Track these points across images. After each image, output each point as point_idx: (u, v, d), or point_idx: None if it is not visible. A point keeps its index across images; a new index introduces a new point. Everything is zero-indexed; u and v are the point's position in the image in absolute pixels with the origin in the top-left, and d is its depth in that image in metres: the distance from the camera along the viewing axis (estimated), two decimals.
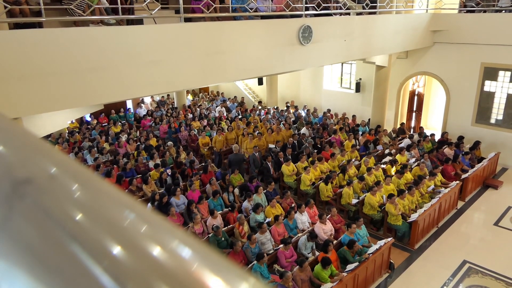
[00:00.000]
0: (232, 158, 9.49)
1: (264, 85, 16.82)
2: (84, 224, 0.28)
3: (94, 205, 0.30)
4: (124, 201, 0.34)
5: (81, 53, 5.00)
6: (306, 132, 11.90)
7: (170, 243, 0.28)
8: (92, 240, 0.26)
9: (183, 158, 10.26)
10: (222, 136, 11.15)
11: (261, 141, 10.82)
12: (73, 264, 0.25)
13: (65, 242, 0.26)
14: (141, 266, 0.27)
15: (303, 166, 9.15)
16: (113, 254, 0.26)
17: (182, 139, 12.22)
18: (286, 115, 14.16)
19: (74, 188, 0.32)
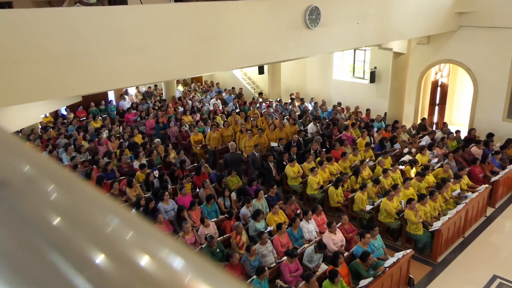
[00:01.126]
0: (228, 158, 9.53)
1: (265, 75, 16.83)
2: (64, 230, 0.28)
3: (75, 210, 0.31)
4: (108, 205, 0.35)
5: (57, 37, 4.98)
6: (313, 129, 11.94)
7: (160, 252, 0.28)
8: (73, 248, 0.27)
9: (172, 157, 10.28)
10: (217, 133, 11.18)
11: (261, 139, 10.83)
12: (52, 274, 0.26)
13: (44, 251, 0.27)
14: (127, 278, 0.28)
15: (309, 167, 9.17)
16: (97, 263, 0.27)
17: (172, 136, 12.24)
18: (291, 109, 14.17)
19: (54, 191, 0.32)
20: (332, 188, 8.41)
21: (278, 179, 9.53)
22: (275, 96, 16.31)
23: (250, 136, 10.63)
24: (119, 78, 5.73)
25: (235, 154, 9.65)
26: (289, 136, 11.34)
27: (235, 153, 9.70)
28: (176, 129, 12.29)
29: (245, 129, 11.08)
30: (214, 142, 10.99)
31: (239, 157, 9.67)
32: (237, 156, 9.64)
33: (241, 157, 9.68)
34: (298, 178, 9.25)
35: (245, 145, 10.56)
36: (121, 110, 14.87)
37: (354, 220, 8.22)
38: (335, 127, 12.04)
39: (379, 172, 9.14)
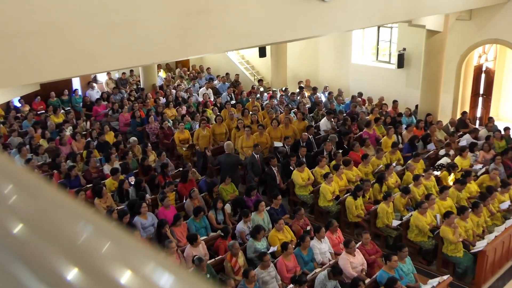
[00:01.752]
0: (222, 161, 9.57)
1: (267, 58, 16.89)
2: (28, 240, 0.29)
3: (41, 217, 0.31)
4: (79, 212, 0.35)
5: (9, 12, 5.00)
6: (327, 125, 11.99)
7: (143, 267, 0.29)
8: (39, 261, 0.27)
9: (152, 160, 10.31)
10: (208, 130, 11.24)
11: (262, 137, 10.89)
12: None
13: (6, 263, 0.27)
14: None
15: (322, 172, 9.22)
16: (68, 280, 0.28)
17: (151, 134, 12.31)
18: (299, 101, 14.25)
19: (14, 196, 0.33)
20: (350, 199, 8.45)
21: (283, 188, 9.58)
22: (279, 84, 16.39)
23: (248, 134, 10.66)
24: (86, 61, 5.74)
25: (231, 157, 9.69)
26: (297, 134, 11.38)
27: (231, 155, 9.74)
28: (157, 125, 12.31)
29: (242, 125, 11.12)
30: (204, 142, 11.04)
31: (236, 161, 9.71)
32: (234, 159, 9.68)
33: (239, 160, 9.73)
34: (308, 186, 9.29)
35: (242, 145, 10.60)
36: (89, 102, 14.92)
37: (377, 239, 8.24)
38: (354, 123, 12.10)
39: (409, 179, 9.17)
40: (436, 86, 12.10)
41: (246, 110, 12.38)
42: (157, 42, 6.29)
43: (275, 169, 9.52)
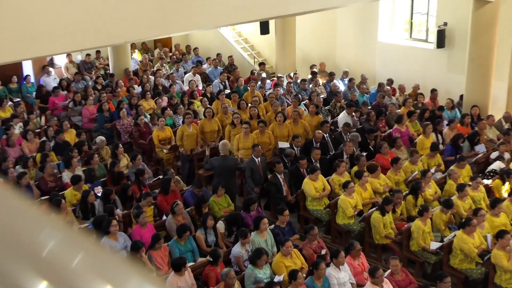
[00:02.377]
0: (216, 165, 9.62)
1: (271, 36, 16.95)
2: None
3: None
4: (43, 220, 0.37)
5: None
6: (347, 120, 12.03)
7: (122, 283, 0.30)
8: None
9: (124, 166, 10.30)
10: (195, 127, 11.29)
11: (264, 136, 10.93)
12: None
13: None
14: None
15: (341, 181, 9.25)
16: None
17: (123, 132, 12.35)
18: (312, 89, 14.29)
19: None
20: (377, 215, 8.46)
21: (292, 201, 9.62)
22: (286, 69, 16.44)
23: (246, 133, 10.70)
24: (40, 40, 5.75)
25: (228, 160, 9.74)
26: (309, 132, 11.43)
27: (228, 157, 9.79)
28: (130, 121, 12.35)
29: (239, 121, 11.17)
30: (190, 142, 11.08)
31: (234, 165, 9.74)
32: (231, 163, 9.73)
33: (238, 165, 9.75)
34: (323, 198, 9.31)
35: (239, 146, 10.63)
36: (44, 91, 14.93)
37: (411, 266, 8.25)
38: (381, 118, 12.14)
39: (452, 189, 9.19)
40: (486, 71, 12.07)
41: (243, 102, 12.43)
42: (131, 15, 6.30)
43: (280, 177, 9.54)
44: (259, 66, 16.53)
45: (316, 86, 14.68)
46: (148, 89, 14.32)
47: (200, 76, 15.84)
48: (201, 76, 15.85)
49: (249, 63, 18.02)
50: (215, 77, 15.96)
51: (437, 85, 13.95)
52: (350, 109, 12.16)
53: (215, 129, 11.51)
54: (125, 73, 15.57)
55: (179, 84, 15.24)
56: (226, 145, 9.85)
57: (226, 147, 9.79)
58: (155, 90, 14.51)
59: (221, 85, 14.98)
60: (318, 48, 17.20)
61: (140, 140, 11.84)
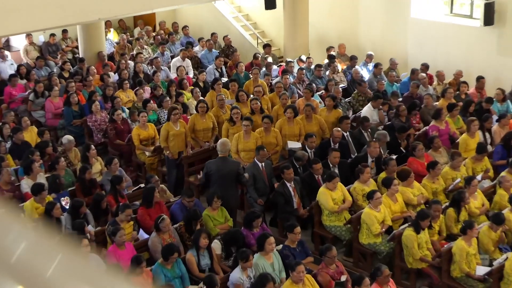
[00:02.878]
0: (214, 170, 9.59)
1: (278, 11, 16.91)
2: None
3: None
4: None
5: None
6: (372, 115, 12.02)
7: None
8: None
9: (97, 172, 10.29)
10: (183, 125, 11.28)
11: (270, 136, 10.96)
12: None
13: None
14: None
15: (366, 190, 9.25)
16: None
17: (96, 130, 12.38)
18: (329, 77, 14.26)
19: None
20: (410, 233, 8.42)
21: (304, 215, 9.60)
22: (297, 52, 16.41)
23: (248, 131, 10.69)
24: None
25: (229, 163, 9.74)
26: (326, 130, 11.45)
27: (227, 160, 9.79)
28: (105, 117, 12.35)
29: (239, 116, 11.16)
30: (178, 143, 11.09)
31: (235, 170, 9.72)
32: (233, 168, 9.71)
33: (240, 170, 9.69)
34: (343, 212, 9.29)
35: (239, 147, 10.63)
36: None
37: None
38: (415, 113, 12.12)
39: (503, 200, 9.13)
40: None
41: (243, 93, 12.42)
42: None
43: (290, 186, 9.54)
44: (264, 48, 16.51)
45: (334, 73, 14.63)
46: (127, 77, 14.30)
47: (191, 61, 15.81)
48: (191, 61, 15.82)
49: (251, 44, 17.99)
50: (209, 62, 15.93)
51: (484, 71, 13.89)
52: (377, 101, 12.11)
53: (209, 126, 11.49)
54: (98, 58, 15.57)
55: (165, 71, 15.22)
56: (225, 144, 9.83)
57: (225, 147, 9.77)
58: (135, 79, 14.49)
59: (216, 72, 14.96)
60: (336, 26, 17.16)
61: (116, 140, 11.83)
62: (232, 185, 9.71)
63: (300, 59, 15.64)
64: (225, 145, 9.78)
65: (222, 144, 9.78)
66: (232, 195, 9.69)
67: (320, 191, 9.25)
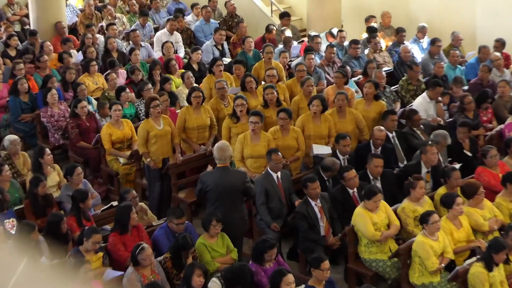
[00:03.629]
0: (211, 184, 9.42)
1: None
2: None
3: None
4: None
5: None
6: (427, 109, 12.04)
7: None
8: None
9: (54, 185, 10.34)
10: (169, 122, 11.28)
11: (289, 136, 10.96)
12: None
13: None
14: None
15: (418, 211, 9.22)
16: None
17: (53, 128, 12.43)
18: (368, 57, 14.33)
19: None
20: (479, 269, 8.34)
21: (334, 245, 9.60)
22: (325, 23, 16.43)
23: (257, 130, 10.67)
24: None
25: (231, 175, 9.57)
26: (364, 129, 11.49)
27: (229, 171, 9.62)
28: (65, 110, 12.45)
29: (244, 110, 11.16)
30: (163, 146, 11.13)
31: (239, 184, 9.52)
32: (235, 180, 9.52)
33: (246, 183, 9.57)
34: (388, 241, 9.28)
35: (245, 152, 10.66)
36: None
37: None
38: (485, 106, 12.13)
39: None
40: None
41: (252, 79, 12.37)
42: None
43: (316, 205, 9.53)
44: (281, 18, 16.49)
45: (375, 51, 14.62)
46: (94, 56, 14.33)
47: (181, 35, 15.80)
48: (182, 35, 15.81)
49: (263, 13, 18.01)
50: (206, 36, 15.91)
51: None
52: (434, 90, 12.12)
53: (205, 123, 11.53)
54: (55, 30, 15.58)
55: (146, 49, 15.24)
56: (224, 149, 9.57)
57: (224, 152, 9.54)
58: (106, 59, 14.51)
59: (216, 51, 14.96)
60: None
61: (80, 142, 11.87)
62: (237, 204, 9.56)
63: (330, 33, 15.62)
64: (224, 150, 9.55)
65: (220, 149, 9.54)
66: (237, 217, 9.55)
67: (356, 213, 9.21)
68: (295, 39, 15.73)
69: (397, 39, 15.12)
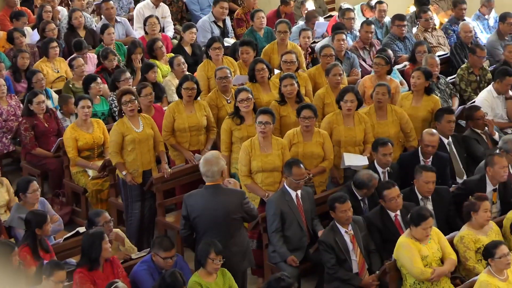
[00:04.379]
0: (200, 210, 9.24)
1: None
2: None
3: None
4: None
5: None
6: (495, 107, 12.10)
7: None
8: None
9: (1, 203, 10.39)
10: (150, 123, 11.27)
11: (312, 142, 10.95)
12: None
13: None
14: None
15: (481, 241, 9.17)
16: None
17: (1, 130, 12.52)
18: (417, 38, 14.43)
19: None
20: None
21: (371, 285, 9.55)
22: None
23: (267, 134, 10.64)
24: None
25: (223, 195, 9.41)
26: (410, 132, 11.50)
27: (220, 189, 9.45)
28: (16, 107, 12.59)
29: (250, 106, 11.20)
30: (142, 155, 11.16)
31: (237, 205, 9.34)
32: (230, 202, 9.31)
33: (245, 206, 9.51)
34: (442, 281, 9.21)
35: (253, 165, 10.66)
36: None
37: None
38: None
39: None
40: None
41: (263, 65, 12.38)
42: None
43: (347, 232, 9.56)
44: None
45: (426, 30, 14.65)
46: (55, 36, 14.41)
47: (170, 7, 15.87)
48: (171, 8, 15.89)
49: None
50: (203, 10, 15.97)
51: None
52: (503, 81, 12.17)
53: (200, 123, 11.64)
54: (4, 1, 15.64)
55: (123, 25, 15.31)
56: (213, 162, 9.25)
57: (213, 166, 9.20)
58: (70, 39, 14.62)
59: (215, 28, 15.02)
60: None
61: (36, 148, 11.95)
62: (233, 233, 9.43)
63: (367, 5, 15.67)
64: (212, 164, 9.28)
65: (206, 163, 9.28)
66: (235, 251, 9.40)
67: (400, 243, 9.21)
68: (320, 14, 15.75)
69: (455, 14, 15.12)
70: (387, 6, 15.49)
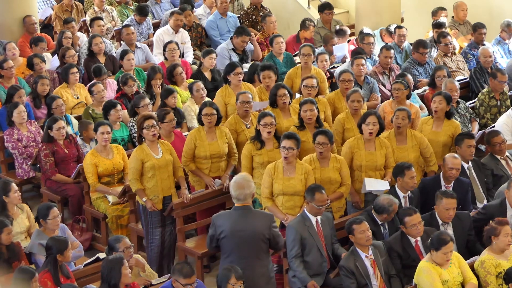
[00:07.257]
0: (227, 230, 9.08)
1: None
2: None
3: None
4: None
5: None
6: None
7: None
8: None
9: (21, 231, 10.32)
10: (169, 148, 11.32)
11: (330, 168, 10.91)
12: None
13: None
14: None
15: (502, 266, 9.18)
16: None
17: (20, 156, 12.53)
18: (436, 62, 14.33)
19: None
20: None
21: None
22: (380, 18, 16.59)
23: (290, 160, 10.64)
24: None
25: (253, 218, 9.38)
26: (431, 157, 11.44)
27: (251, 213, 9.45)
28: (36, 133, 12.58)
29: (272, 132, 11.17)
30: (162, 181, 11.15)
31: (266, 228, 9.36)
32: (261, 225, 9.31)
33: (273, 230, 9.45)
34: None
35: (275, 188, 10.63)
36: None
37: None
38: None
39: None
40: None
41: (284, 91, 12.34)
42: None
43: (367, 257, 9.53)
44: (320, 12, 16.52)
45: (446, 55, 14.61)
46: (75, 62, 14.43)
47: (189, 33, 15.88)
48: (190, 34, 15.89)
49: (298, 4, 18.06)
50: (222, 35, 15.98)
51: None
52: None
53: (221, 151, 11.60)
54: (24, 27, 15.66)
55: (143, 51, 15.32)
56: (245, 186, 9.35)
57: (245, 190, 9.30)
58: (90, 65, 14.59)
59: (233, 55, 15.06)
60: None
61: (57, 174, 11.97)
62: (260, 255, 9.44)
63: (387, 30, 15.66)
64: (244, 187, 9.37)
65: (238, 186, 9.39)
66: (260, 273, 9.41)
67: (420, 268, 9.19)
68: (340, 38, 15.71)
69: (474, 38, 15.11)
70: (406, 31, 15.54)
